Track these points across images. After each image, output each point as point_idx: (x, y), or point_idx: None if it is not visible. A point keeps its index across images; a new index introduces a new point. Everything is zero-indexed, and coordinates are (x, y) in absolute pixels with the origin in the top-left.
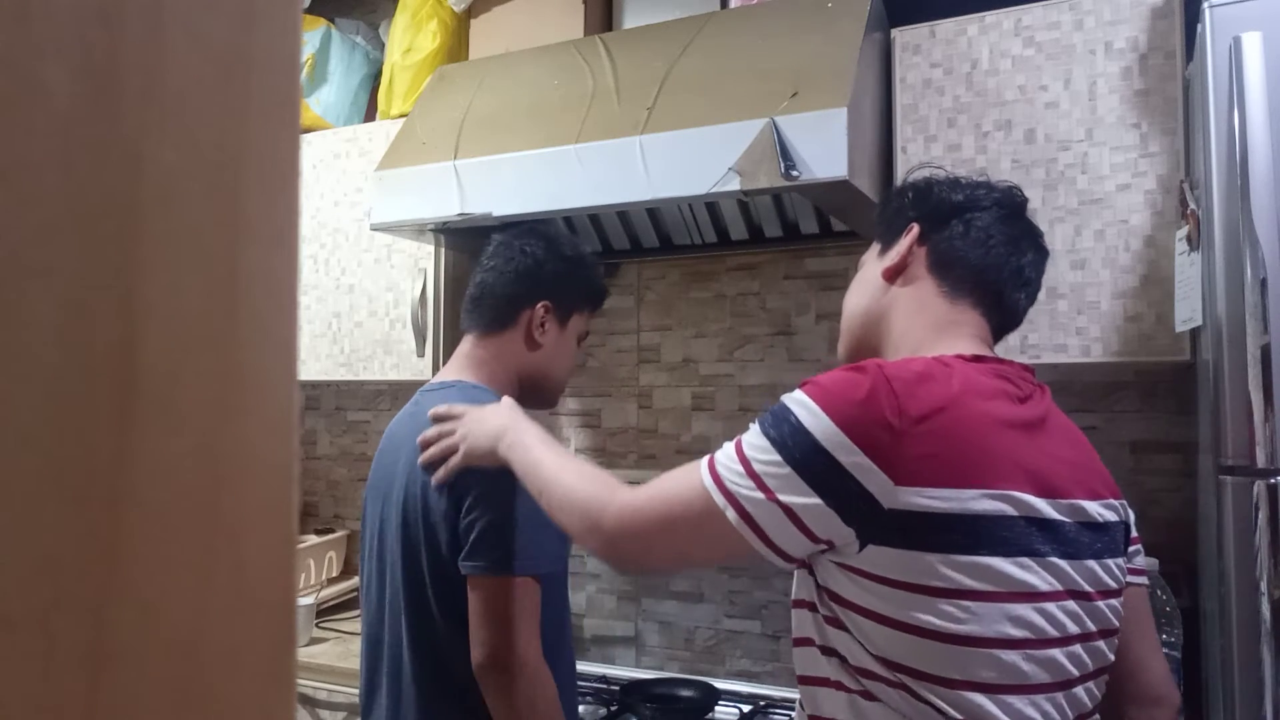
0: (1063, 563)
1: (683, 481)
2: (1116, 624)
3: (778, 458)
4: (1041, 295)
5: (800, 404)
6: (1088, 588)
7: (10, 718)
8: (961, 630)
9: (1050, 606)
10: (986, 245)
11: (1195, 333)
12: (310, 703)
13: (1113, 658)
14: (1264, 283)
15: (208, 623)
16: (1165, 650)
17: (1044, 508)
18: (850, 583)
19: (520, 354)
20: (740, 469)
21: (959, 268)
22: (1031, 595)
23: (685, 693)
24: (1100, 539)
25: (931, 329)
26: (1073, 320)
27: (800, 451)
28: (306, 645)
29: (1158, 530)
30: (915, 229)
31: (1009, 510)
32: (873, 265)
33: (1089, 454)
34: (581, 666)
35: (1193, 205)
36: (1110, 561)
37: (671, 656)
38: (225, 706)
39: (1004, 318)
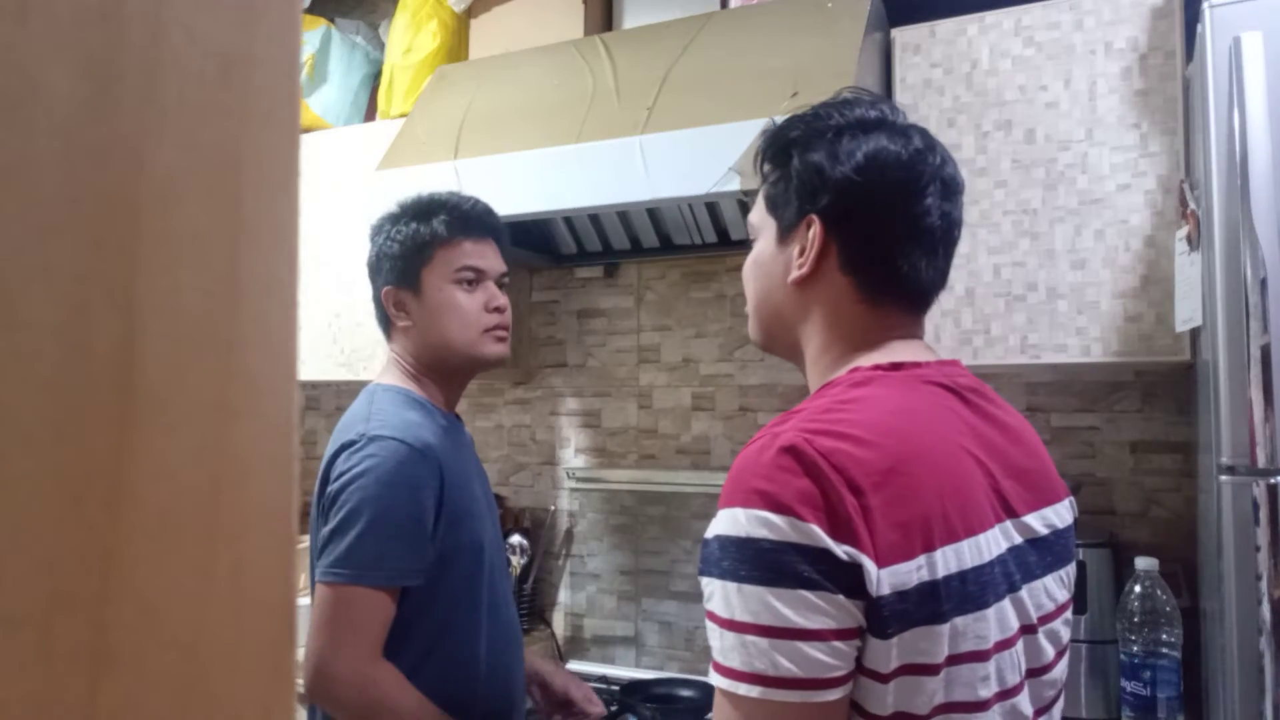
0: (1021, 593)
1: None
2: (1064, 643)
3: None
4: (1041, 295)
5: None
6: (1034, 617)
7: (10, 718)
8: (939, 701)
9: (1008, 653)
10: (904, 221)
11: (1195, 333)
12: None
13: (1056, 690)
14: (1264, 283)
15: (208, 623)
16: (1165, 650)
17: (1003, 537)
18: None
19: (405, 344)
20: None
21: (875, 266)
22: (995, 647)
23: (685, 693)
24: (1053, 549)
25: (854, 340)
26: (1073, 320)
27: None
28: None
29: (1158, 530)
30: (817, 225)
31: (984, 558)
32: (771, 248)
33: (1039, 450)
34: (581, 667)
35: (1193, 205)
36: (1062, 571)
37: (671, 656)
38: (225, 706)
39: (931, 291)
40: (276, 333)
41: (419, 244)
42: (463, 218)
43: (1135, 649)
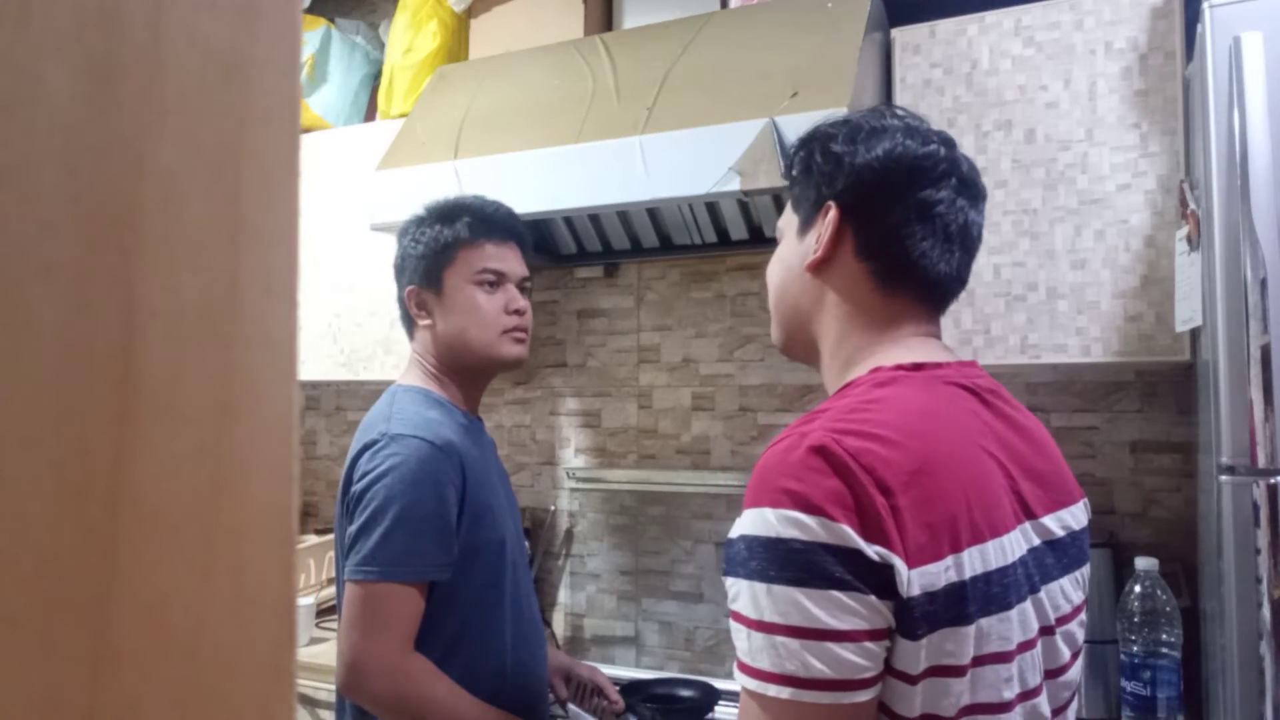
0: (1040, 594)
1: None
2: (1079, 644)
3: None
4: (1041, 295)
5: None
6: (1052, 619)
7: (10, 717)
8: (966, 702)
9: (1028, 655)
10: (918, 207)
11: (1195, 333)
12: (310, 703)
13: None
14: (1264, 283)
15: (208, 623)
16: (1165, 650)
17: (1023, 539)
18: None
19: (426, 344)
20: None
21: (891, 253)
22: (1018, 647)
23: (685, 693)
24: (1069, 551)
25: (870, 331)
26: (1073, 320)
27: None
28: (306, 645)
29: (1158, 530)
30: (834, 211)
31: (1007, 559)
32: (793, 244)
33: (1054, 452)
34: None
35: (1193, 205)
36: (1078, 572)
37: (671, 656)
38: (225, 706)
39: (946, 285)
40: (276, 333)
41: (442, 245)
42: (486, 220)
43: (1135, 649)
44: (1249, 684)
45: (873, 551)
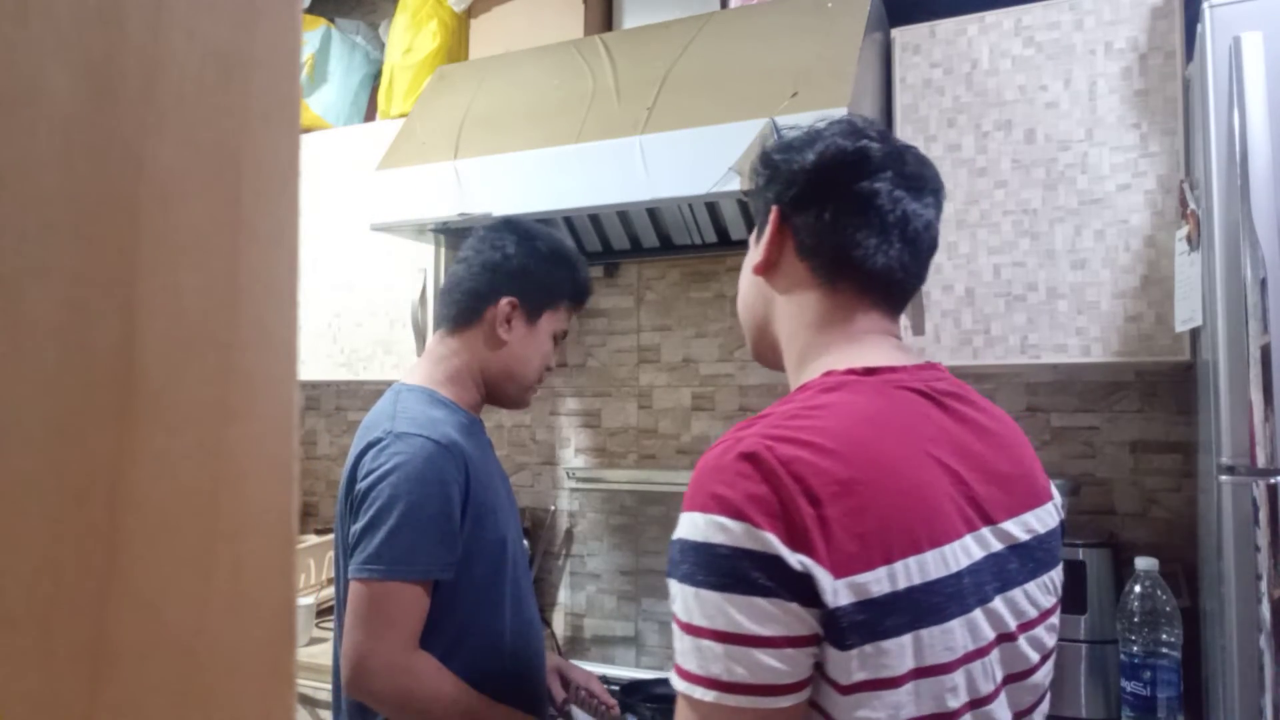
0: (995, 602)
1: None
2: (1049, 648)
3: None
4: (1041, 295)
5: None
6: (1012, 625)
7: (10, 717)
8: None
9: (981, 664)
10: (851, 200)
11: (1195, 333)
12: (310, 703)
13: (1035, 697)
14: (1264, 283)
15: (208, 623)
16: (1165, 650)
17: (977, 545)
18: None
19: (482, 352)
20: None
21: (826, 248)
22: (964, 658)
23: None
24: (1035, 555)
25: (816, 329)
26: (1073, 320)
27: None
28: (306, 645)
29: (1158, 530)
30: (774, 214)
31: (950, 569)
32: (751, 253)
33: (1024, 454)
34: (581, 667)
35: (1193, 205)
36: (1047, 577)
37: (671, 656)
38: (225, 706)
39: (889, 277)
40: (276, 333)
41: (560, 291)
42: (585, 288)
43: (1135, 649)
44: (1249, 684)
45: (795, 560)
